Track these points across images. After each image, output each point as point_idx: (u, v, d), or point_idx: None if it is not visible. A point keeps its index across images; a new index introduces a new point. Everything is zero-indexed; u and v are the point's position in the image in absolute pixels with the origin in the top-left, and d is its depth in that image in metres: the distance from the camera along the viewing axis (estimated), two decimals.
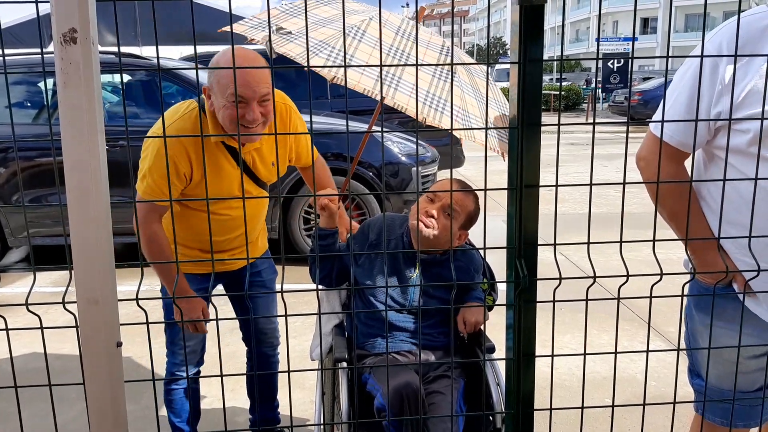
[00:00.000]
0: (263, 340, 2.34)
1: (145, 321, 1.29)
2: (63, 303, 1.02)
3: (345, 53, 0.99)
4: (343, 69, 1.86)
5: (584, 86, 24.89)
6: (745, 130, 1.39)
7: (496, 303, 2.11)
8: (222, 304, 3.38)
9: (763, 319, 1.48)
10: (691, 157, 1.47)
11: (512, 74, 1.10)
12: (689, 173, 1.47)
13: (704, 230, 1.54)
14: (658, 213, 1.46)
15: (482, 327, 1.92)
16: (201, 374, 2.26)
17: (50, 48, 0.92)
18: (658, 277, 1.09)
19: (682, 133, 1.48)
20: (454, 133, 2.00)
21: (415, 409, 1.63)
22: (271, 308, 2.33)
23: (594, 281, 1.10)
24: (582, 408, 1.15)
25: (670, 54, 1.14)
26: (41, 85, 5.08)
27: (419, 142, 5.79)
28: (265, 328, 2.34)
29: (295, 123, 2.08)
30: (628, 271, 1.09)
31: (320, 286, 2.02)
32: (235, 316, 2.43)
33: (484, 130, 1.98)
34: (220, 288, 2.39)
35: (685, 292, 1.53)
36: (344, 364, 1.81)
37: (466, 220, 1.92)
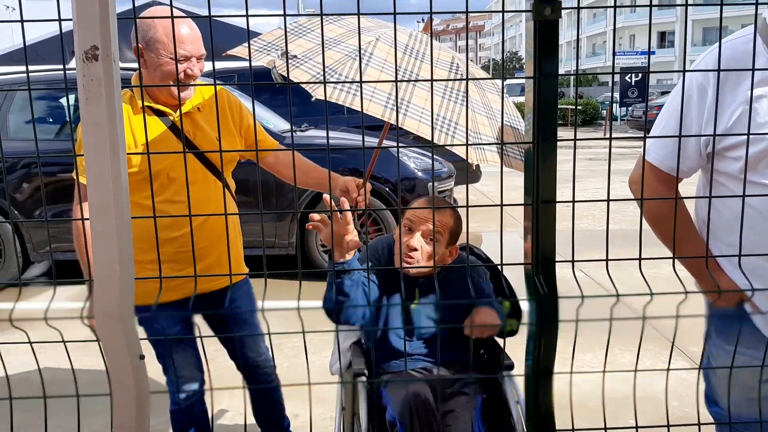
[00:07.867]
0: (257, 373, 2.22)
1: (163, 336, 1.30)
2: (81, 317, 1.02)
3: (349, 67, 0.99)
4: (351, 93, 1.82)
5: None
6: (737, 157, 1.36)
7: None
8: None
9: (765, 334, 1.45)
10: (684, 179, 1.46)
11: (527, 89, 1.10)
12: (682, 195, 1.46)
13: (701, 252, 1.50)
14: (655, 236, 1.47)
15: (502, 343, 1.89)
16: (204, 393, 2.16)
17: (72, 64, 0.94)
18: (683, 296, 1.07)
19: (672, 159, 1.45)
20: (467, 158, 1.94)
21: (426, 420, 1.61)
22: (258, 341, 2.20)
23: (617, 300, 1.08)
24: (605, 429, 1.12)
25: (687, 68, 1.13)
26: (63, 101, 5.17)
27: (435, 157, 5.79)
28: (257, 361, 2.21)
29: (240, 109, 2.05)
30: (651, 290, 1.07)
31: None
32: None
33: (499, 146, 1.95)
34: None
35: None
36: (363, 379, 1.80)
37: (451, 238, 1.87)
